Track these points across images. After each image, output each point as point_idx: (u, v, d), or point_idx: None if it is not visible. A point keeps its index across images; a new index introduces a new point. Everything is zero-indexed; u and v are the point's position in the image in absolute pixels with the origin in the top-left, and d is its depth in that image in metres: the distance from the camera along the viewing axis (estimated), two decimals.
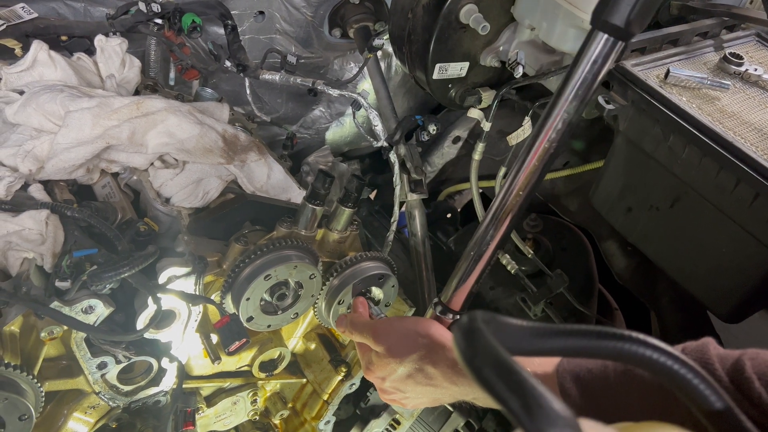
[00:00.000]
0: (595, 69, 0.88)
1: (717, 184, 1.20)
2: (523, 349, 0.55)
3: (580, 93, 0.91)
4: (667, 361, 0.51)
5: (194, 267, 1.16)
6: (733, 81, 1.35)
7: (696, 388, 0.49)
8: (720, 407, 0.48)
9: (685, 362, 0.49)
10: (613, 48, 0.86)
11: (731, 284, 1.27)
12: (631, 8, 0.79)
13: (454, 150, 2.19)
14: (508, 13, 1.58)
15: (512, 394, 0.43)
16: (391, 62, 2.06)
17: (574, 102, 0.92)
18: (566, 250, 1.90)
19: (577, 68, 0.89)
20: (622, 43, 0.85)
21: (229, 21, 1.70)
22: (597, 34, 0.86)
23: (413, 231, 1.84)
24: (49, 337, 1.07)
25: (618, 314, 1.96)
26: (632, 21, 0.80)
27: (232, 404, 1.48)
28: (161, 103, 1.30)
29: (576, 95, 0.91)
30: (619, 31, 0.83)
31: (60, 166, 1.23)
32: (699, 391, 0.49)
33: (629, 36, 0.83)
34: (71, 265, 1.06)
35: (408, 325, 1.06)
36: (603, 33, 0.84)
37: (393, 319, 1.13)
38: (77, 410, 1.20)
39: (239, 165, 1.37)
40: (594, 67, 0.88)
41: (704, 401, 0.49)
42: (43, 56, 1.35)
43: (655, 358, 0.51)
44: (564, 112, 0.93)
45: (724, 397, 0.48)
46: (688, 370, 0.50)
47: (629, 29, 0.81)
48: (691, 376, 0.50)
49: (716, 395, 0.49)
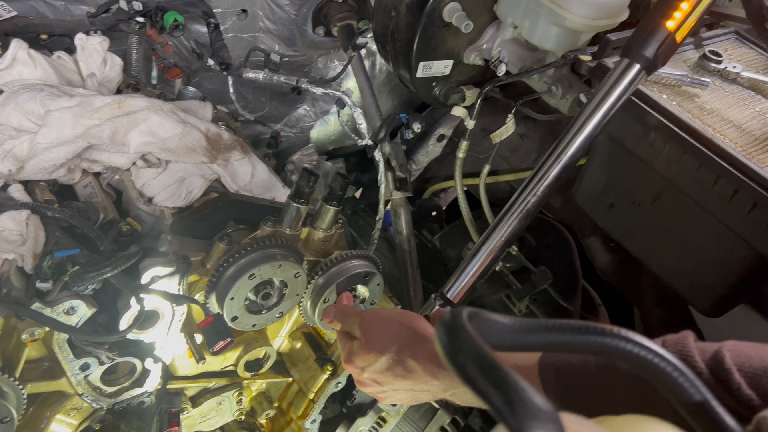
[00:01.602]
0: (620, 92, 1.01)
1: (697, 180, 1.22)
2: (506, 344, 0.55)
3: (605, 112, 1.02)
4: (647, 355, 0.51)
5: (178, 267, 1.15)
6: (712, 78, 1.37)
7: (675, 381, 0.50)
8: (698, 399, 0.49)
9: (663, 356, 0.50)
10: (638, 76, 0.99)
11: (712, 279, 1.29)
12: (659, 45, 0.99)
13: (439, 148, 2.19)
14: (491, 12, 1.58)
15: (494, 389, 0.43)
16: (375, 60, 2.06)
17: (600, 120, 1.06)
18: (550, 246, 1.91)
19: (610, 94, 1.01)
20: (646, 74, 0.97)
21: (211, 19, 1.69)
22: (631, 64, 1.03)
23: (398, 229, 1.84)
24: (30, 339, 1.06)
25: (602, 310, 1.98)
26: (659, 55, 1.00)
27: (218, 404, 1.47)
28: (143, 102, 1.29)
29: (604, 116, 1.01)
30: (648, 62, 1.00)
31: (40, 166, 1.21)
32: (678, 383, 0.50)
33: (655, 68, 0.98)
34: (52, 266, 1.05)
35: (393, 316, 1.06)
36: (636, 63, 0.97)
37: (380, 310, 1.14)
38: (60, 412, 1.19)
39: (223, 164, 1.37)
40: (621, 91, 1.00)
41: (683, 394, 0.50)
42: (22, 55, 1.33)
43: (635, 352, 0.51)
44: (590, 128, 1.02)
45: (702, 390, 0.49)
46: (667, 364, 0.51)
47: (656, 62, 1.00)
48: (670, 369, 0.51)
49: (694, 388, 0.49)
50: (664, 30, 0.98)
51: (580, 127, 1.04)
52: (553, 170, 1.07)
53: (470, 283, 1.14)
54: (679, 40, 0.99)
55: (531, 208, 1.10)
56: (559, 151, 1.07)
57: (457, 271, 1.18)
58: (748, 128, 1.25)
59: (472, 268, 1.15)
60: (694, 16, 0.99)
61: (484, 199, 1.75)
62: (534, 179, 1.10)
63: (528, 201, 1.10)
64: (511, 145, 1.99)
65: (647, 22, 1.01)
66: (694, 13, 0.98)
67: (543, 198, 1.09)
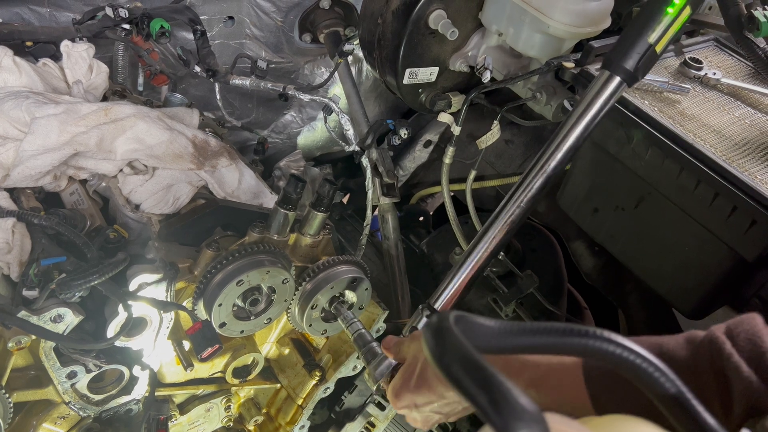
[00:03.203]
0: (601, 104, 1.00)
1: (679, 184, 1.24)
2: (492, 347, 0.57)
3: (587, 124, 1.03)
4: (623, 353, 0.53)
5: (165, 274, 1.15)
6: (692, 85, 1.40)
7: (650, 376, 0.51)
8: (673, 392, 0.50)
9: (639, 353, 0.51)
10: (619, 89, 0.99)
11: (694, 282, 1.31)
12: (640, 57, 0.98)
13: (426, 154, 2.21)
14: (476, 19, 1.60)
15: (480, 390, 0.44)
16: (361, 67, 2.07)
17: (582, 131, 1.05)
18: (536, 251, 1.93)
19: (592, 105, 1.01)
20: (627, 85, 0.98)
21: (198, 26, 1.69)
22: (612, 77, 1.02)
23: (386, 234, 1.85)
24: (16, 347, 1.06)
25: (587, 313, 2.00)
26: (640, 68, 0.99)
27: (206, 411, 1.47)
28: (130, 109, 1.29)
29: (586, 128, 1.01)
30: (629, 75, 0.99)
31: (26, 173, 1.21)
32: (653, 378, 0.51)
33: (636, 80, 0.97)
34: (39, 274, 1.04)
35: None
36: (617, 76, 0.97)
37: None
38: (47, 421, 1.18)
39: (210, 170, 1.37)
40: (602, 103, 1.00)
41: (658, 387, 0.51)
42: (7, 62, 1.33)
43: (614, 352, 0.53)
44: (573, 139, 1.02)
45: (677, 383, 0.51)
46: (642, 360, 0.52)
47: (637, 74, 0.99)
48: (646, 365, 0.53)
49: (669, 381, 0.51)
50: (645, 42, 0.98)
51: (562, 138, 1.05)
52: (537, 181, 1.08)
53: (457, 295, 1.14)
54: (660, 51, 1.00)
55: (516, 218, 1.11)
56: (543, 162, 1.08)
57: (443, 282, 1.18)
58: (728, 134, 1.27)
59: (458, 279, 1.15)
60: (675, 27, 0.99)
61: (471, 205, 1.76)
62: (518, 190, 1.11)
63: (512, 212, 1.10)
64: (496, 151, 2.01)
65: (628, 35, 1.01)
66: (675, 25, 0.99)
67: (528, 209, 1.10)
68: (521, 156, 1.99)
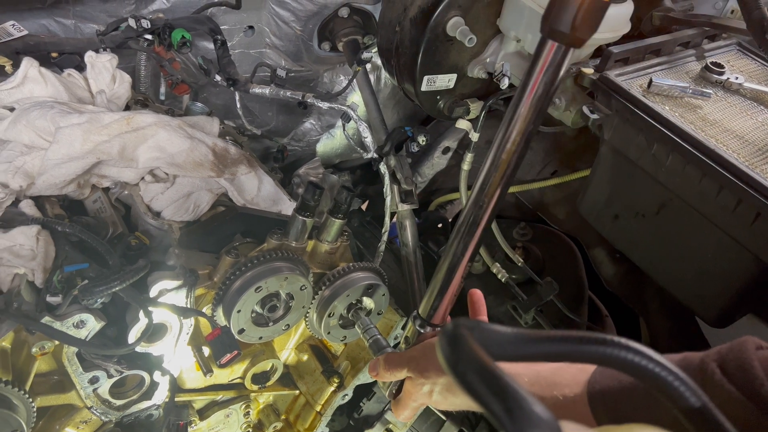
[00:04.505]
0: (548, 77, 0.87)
1: (700, 191, 1.22)
2: (508, 354, 0.56)
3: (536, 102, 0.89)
4: (647, 364, 0.52)
5: (185, 280, 1.16)
6: (714, 90, 1.38)
7: (675, 388, 0.51)
8: (697, 406, 0.49)
9: (662, 364, 0.50)
10: (565, 55, 0.85)
11: (717, 289, 1.29)
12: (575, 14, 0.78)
13: (444, 160, 2.21)
14: (494, 26, 1.60)
15: (494, 398, 0.44)
16: (380, 75, 2.08)
17: (531, 111, 0.91)
18: (556, 257, 1.91)
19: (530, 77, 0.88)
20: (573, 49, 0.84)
21: (218, 36, 1.71)
22: (546, 41, 0.85)
23: (404, 241, 1.85)
24: (40, 353, 1.07)
25: (608, 321, 1.97)
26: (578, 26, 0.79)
27: (225, 417, 1.48)
28: (151, 117, 1.31)
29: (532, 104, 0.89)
30: (566, 38, 0.82)
31: (51, 181, 1.23)
32: (678, 391, 0.51)
33: (578, 41, 0.82)
34: (62, 280, 1.06)
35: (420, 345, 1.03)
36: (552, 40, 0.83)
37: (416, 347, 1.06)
38: (69, 425, 1.20)
39: (229, 178, 1.38)
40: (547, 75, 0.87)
41: (682, 400, 0.50)
42: (33, 73, 1.36)
43: (635, 361, 0.52)
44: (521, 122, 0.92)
45: (702, 396, 0.50)
46: (668, 372, 0.51)
47: (576, 34, 0.80)
48: (671, 377, 0.52)
49: (694, 394, 0.50)
50: None
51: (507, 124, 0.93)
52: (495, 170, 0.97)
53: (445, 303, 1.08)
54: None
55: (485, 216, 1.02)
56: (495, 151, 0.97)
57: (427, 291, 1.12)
58: (751, 139, 1.25)
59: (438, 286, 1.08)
60: None
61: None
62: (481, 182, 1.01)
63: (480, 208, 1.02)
64: None
65: None
66: None
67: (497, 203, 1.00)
68: (540, 162, 1.98)
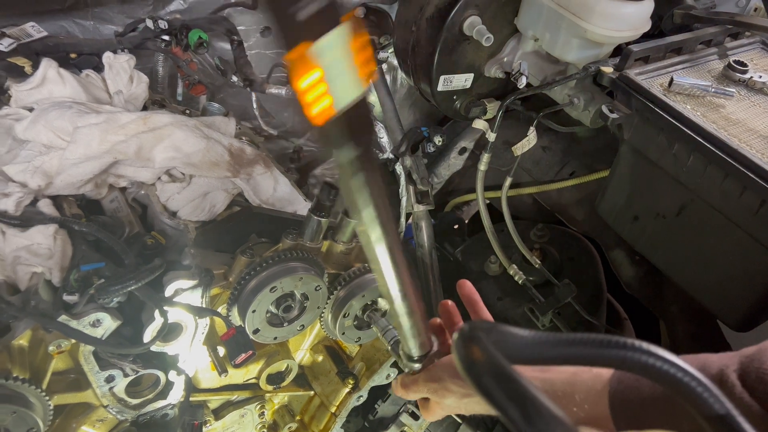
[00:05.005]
0: None
1: (723, 191, 1.20)
2: (525, 357, 0.55)
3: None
4: (669, 369, 0.51)
5: (201, 280, 1.16)
6: (737, 88, 1.35)
7: (698, 395, 0.49)
8: (721, 413, 0.48)
9: (685, 369, 0.49)
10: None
11: (740, 292, 1.26)
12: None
13: (461, 161, 2.19)
14: (511, 24, 1.59)
15: (511, 402, 0.43)
16: (396, 75, 2.07)
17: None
18: (574, 259, 1.89)
19: None
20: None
21: (235, 37, 1.71)
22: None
23: (420, 242, 1.84)
24: (57, 351, 1.08)
25: (627, 324, 1.94)
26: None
27: (240, 417, 1.48)
28: (168, 118, 1.31)
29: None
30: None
31: (68, 181, 1.24)
32: (701, 397, 0.49)
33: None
34: (79, 279, 1.07)
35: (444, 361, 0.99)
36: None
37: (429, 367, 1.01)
38: (85, 424, 1.21)
39: (245, 178, 1.38)
40: None
41: (706, 407, 0.49)
42: (52, 74, 1.37)
43: (656, 366, 0.51)
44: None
45: (725, 403, 0.48)
46: (691, 378, 0.50)
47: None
48: (694, 383, 0.50)
49: (718, 401, 0.48)
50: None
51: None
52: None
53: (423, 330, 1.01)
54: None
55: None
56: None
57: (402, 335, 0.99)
58: None
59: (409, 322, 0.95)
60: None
61: (507, 212, 1.74)
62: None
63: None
64: (533, 158, 1.98)
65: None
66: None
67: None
68: (559, 163, 1.95)
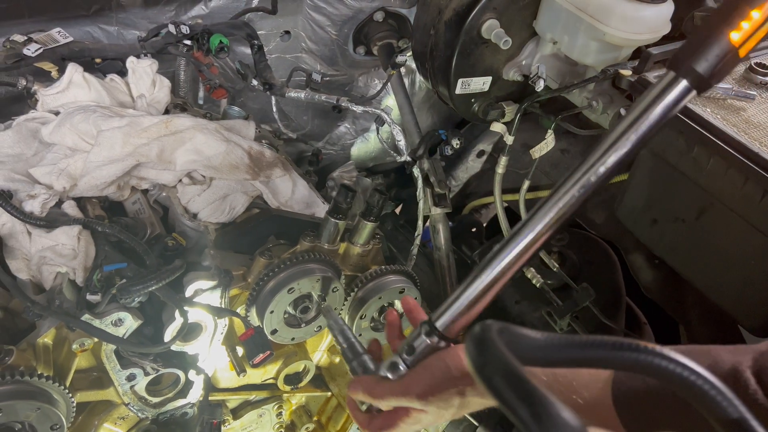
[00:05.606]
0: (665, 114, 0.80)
1: (743, 195, 1.18)
2: (538, 359, 0.55)
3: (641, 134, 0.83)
4: (682, 372, 0.51)
5: (220, 280, 1.18)
6: (759, 91, 1.33)
7: (712, 398, 0.49)
8: (735, 416, 0.48)
9: (699, 373, 0.49)
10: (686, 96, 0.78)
11: (760, 296, 1.24)
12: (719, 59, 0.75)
13: (479, 164, 2.19)
14: (530, 28, 1.58)
15: (521, 403, 0.44)
16: (414, 78, 2.08)
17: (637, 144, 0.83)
18: (592, 263, 1.88)
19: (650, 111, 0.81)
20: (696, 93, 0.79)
21: (255, 41, 1.74)
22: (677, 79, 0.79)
23: (437, 245, 1.84)
24: (80, 349, 1.10)
25: (647, 328, 1.92)
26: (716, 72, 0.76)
27: (258, 417, 1.49)
28: (189, 121, 1.34)
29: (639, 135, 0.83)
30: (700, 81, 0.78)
31: (92, 183, 1.27)
32: (715, 401, 0.49)
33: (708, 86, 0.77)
34: (102, 279, 1.09)
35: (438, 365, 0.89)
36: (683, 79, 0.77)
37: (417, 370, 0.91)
38: (107, 421, 1.23)
39: (264, 181, 1.40)
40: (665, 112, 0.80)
41: (720, 411, 0.49)
42: (77, 78, 1.40)
43: (670, 369, 0.51)
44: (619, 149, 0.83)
45: (740, 407, 0.48)
46: (704, 381, 0.50)
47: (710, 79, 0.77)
48: (708, 386, 0.50)
49: (732, 405, 0.48)
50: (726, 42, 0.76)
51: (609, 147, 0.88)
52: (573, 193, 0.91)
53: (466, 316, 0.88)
54: (743, 55, 0.76)
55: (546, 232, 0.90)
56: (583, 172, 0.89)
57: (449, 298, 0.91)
58: None
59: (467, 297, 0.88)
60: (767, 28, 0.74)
61: (524, 215, 1.73)
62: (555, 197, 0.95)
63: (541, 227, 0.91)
64: (552, 161, 1.97)
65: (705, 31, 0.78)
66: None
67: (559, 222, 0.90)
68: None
